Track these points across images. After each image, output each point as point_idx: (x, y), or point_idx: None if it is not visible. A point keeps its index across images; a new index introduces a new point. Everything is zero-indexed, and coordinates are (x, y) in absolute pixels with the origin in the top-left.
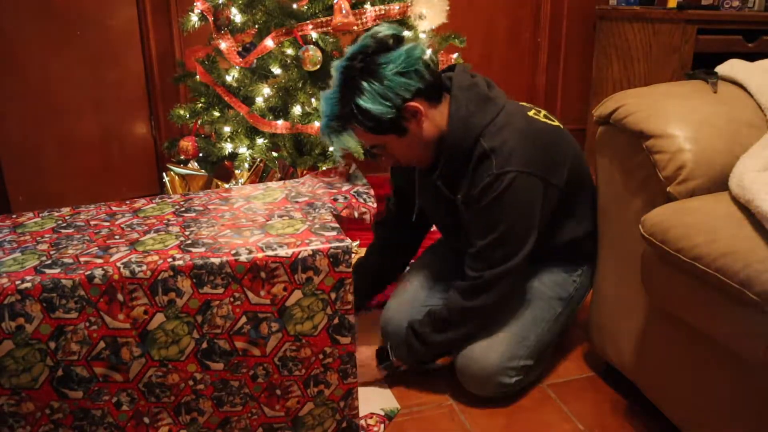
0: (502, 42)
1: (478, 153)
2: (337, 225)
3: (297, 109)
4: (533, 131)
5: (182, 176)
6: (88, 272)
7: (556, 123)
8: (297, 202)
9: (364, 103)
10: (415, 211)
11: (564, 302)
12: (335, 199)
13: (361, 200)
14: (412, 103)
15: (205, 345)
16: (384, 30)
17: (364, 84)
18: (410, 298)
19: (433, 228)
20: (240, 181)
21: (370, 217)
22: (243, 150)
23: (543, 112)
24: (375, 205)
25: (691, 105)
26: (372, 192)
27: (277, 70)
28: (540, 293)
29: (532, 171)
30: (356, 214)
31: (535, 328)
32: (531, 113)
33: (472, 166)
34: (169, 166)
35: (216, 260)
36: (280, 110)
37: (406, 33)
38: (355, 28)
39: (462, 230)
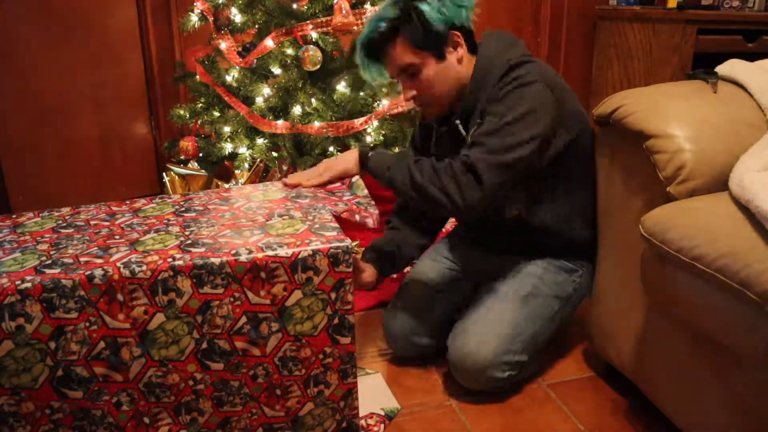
0: None
1: (502, 70)
2: (337, 225)
3: (297, 109)
4: (559, 80)
5: (182, 176)
6: (88, 272)
7: None
8: (297, 201)
9: (425, 8)
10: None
11: (562, 301)
12: (336, 205)
13: (362, 208)
14: (458, 32)
15: (205, 345)
16: None
17: None
18: (411, 308)
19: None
20: (240, 181)
21: (374, 222)
22: (243, 150)
23: None
24: (377, 211)
25: (691, 105)
26: (373, 202)
27: (277, 70)
28: (538, 290)
29: (551, 88)
30: (357, 218)
31: (530, 325)
32: None
33: (500, 75)
34: (169, 166)
35: (216, 260)
36: (280, 110)
37: None
38: (355, 28)
39: None
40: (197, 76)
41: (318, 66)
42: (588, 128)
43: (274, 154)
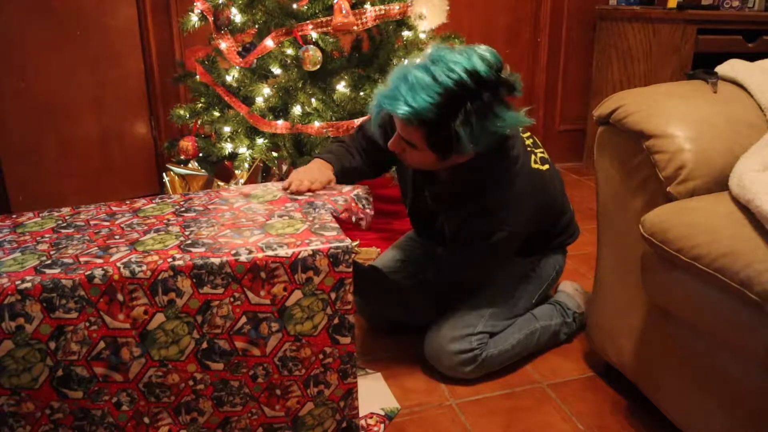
0: (501, 41)
1: (477, 184)
2: (337, 225)
3: (297, 109)
4: (534, 196)
5: (182, 176)
6: (88, 272)
7: (547, 166)
8: (297, 200)
9: (463, 135)
10: (408, 200)
11: (520, 281)
12: (335, 201)
13: (360, 205)
14: (473, 154)
15: (205, 345)
16: (490, 53)
17: (473, 119)
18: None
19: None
20: (240, 181)
21: (367, 224)
22: (243, 150)
23: (539, 150)
24: (372, 212)
25: (691, 105)
26: (371, 198)
27: (277, 70)
28: (497, 275)
29: (519, 231)
30: (354, 219)
31: (487, 300)
32: (529, 148)
33: (468, 185)
34: (169, 166)
35: (216, 260)
36: (280, 110)
37: (406, 33)
38: (355, 28)
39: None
40: (197, 76)
41: (318, 66)
42: (553, 200)
43: (274, 154)
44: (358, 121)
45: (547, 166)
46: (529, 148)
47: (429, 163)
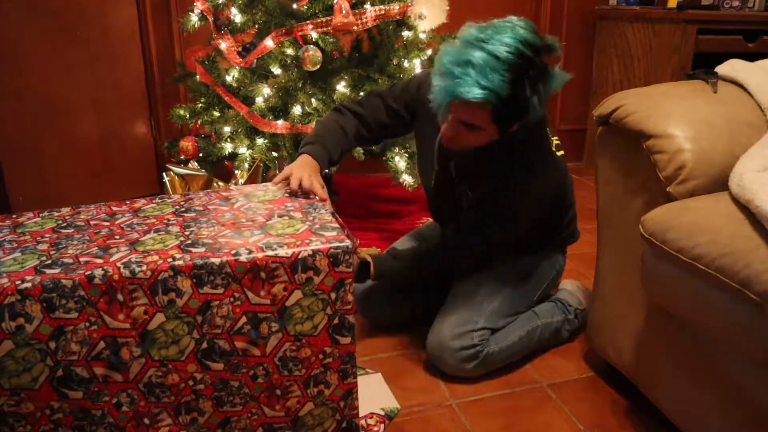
0: None
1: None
2: (337, 225)
3: (297, 109)
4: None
5: (182, 176)
6: (88, 272)
7: (562, 152)
8: (297, 200)
9: (534, 101)
10: (433, 176)
11: (521, 278)
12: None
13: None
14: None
15: (205, 345)
16: (526, 22)
17: (540, 86)
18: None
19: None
20: (240, 181)
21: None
22: (243, 150)
23: (554, 138)
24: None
25: (691, 105)
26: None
27: (277, 70)
28: (497, 272)
29: (543, 195)
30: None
31: (489, 297)
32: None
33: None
34: (168, 166)
35: (216, 260)
36: (280, 110)
37: (406, 33)
38: (355, 28)
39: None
40: (197, 76)
41: (318, 66)
42: (569, 188)
43: (274, 154)
44: None
45: (562, 152)
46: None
47: (482, 141)
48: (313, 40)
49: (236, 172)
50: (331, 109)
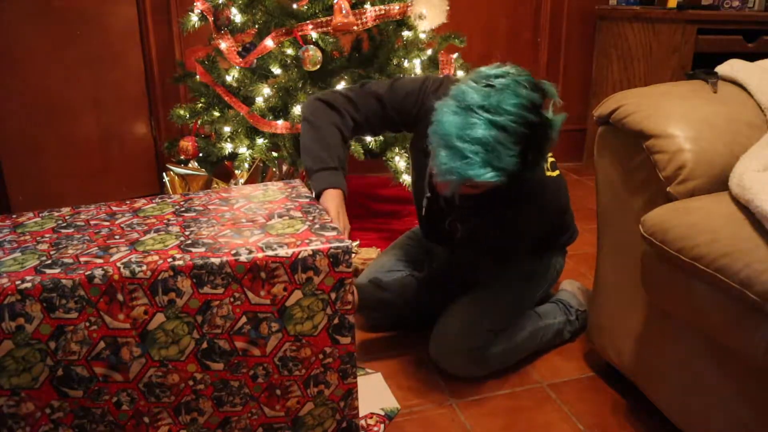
0: (502, 42)
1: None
2: (336, 225)
3: (297, 109)
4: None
5: (182, 176)
6: (88, 272)
7: (557, 172)
8: (297, 200)
9: (536, 159)
10: (424, 203)
11: (524, 279)
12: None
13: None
14: None
15: (205, 345)
16: (525, 75)
17: (543, 143)
18: (379, 264)
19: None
20: (240, 181)
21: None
22: (243, 150)
23: (549, 156)
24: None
25: (691, 105)
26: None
27: (277, 70)
28: (501, 275)
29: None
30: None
31: (495, 299)
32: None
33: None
34: (168, 166)
35: (216, 260)
36: (280, 110)
37: (406, 33)
38: (355, 28)
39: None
40: (197, 76)
41: (318, 66)
42: (567, 209)
43: (274, 154)
44: None
45: (557, 172)
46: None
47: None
48: (313, 40)
49: (236, 172)
50: (324, 101)
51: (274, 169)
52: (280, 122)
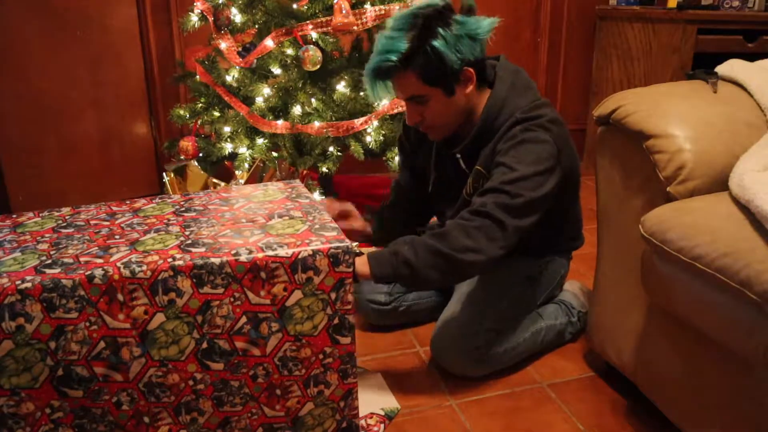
0: (501, 42)
1: (509, 122)
2: (336, 225)
3: (297, 109)
4: (563, 130)
5: (177, 173)
6: (88, 272)
7: None
8: (297, 201)
9: (440, 46)
10: (431, 181)
11: (527, 281)
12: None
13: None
14: (470, 69)
15: (205, 345)
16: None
17: (440, 30)
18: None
19: None
20: (240, 181)
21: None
22: (243, 150)
23: None
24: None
25: (691, 105)
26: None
27: (277, 70)
28: (502, 274)
29: (553, 142)
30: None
31: (493, 299)
32: None
33: (501, 133)
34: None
35: (216, 260)
36: (280, 110)
37: None
38: (355, 28)
39: (462, 206)
40: (197, 76)
41: (318, 66)
42: (575, 171)
43: (274, 154)
44: (358, 122)
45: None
46: None
47: (447, 110)
48: (313, 40)
49: (236, 172)
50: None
51: (276, 171)
52: (280, 122)
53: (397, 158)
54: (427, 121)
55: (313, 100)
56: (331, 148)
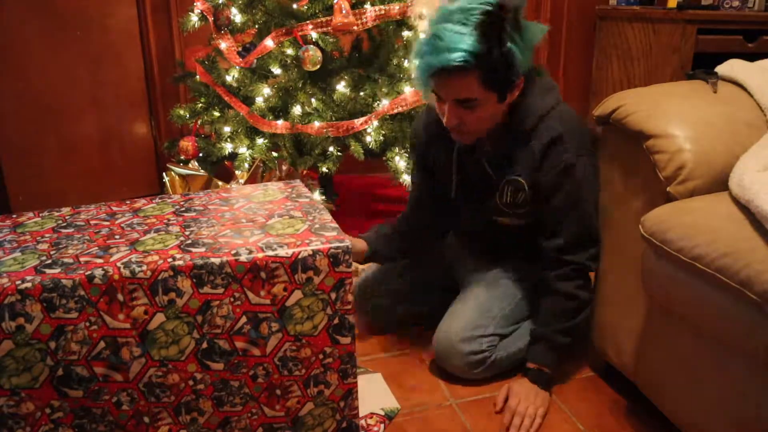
0: None
1: (550, 135)
2: (336, 225)
3: (297, 109)
4: (583, 124)
5: (182, 176)
6: (88, 272)
7: None
8: (297, 201)
9: (514, 48)
10: (453, 188)
11: (534, 289)
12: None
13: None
14: (523, 77)
15: (205, 345)
16: None
17: (514, 33)
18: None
19: None
20: (240, 181)
21: None
22: (243, 150)
23: None
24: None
25: (691, 105)
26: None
27: (277, 70)
28: (508, 275)
29: (595, 155)
30: None
31: (498, 303)
32: None
33: (542, 146)
34: (169, 166)
35: (216, 260)
36: (280, 110)
37: (406, 33)
38: (355, 28)
39: (484, 210)
40: (197, 76)
41: (318, 66)
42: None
43: (274, 154)
44: (358, 122)
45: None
46: None
47: (489, 116)
48: (313, 40)
49: (236, 172)
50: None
51: (276, 171)
52: (280, 122)
53: (397, 158)
54: (468, 125)
55: (313, 100)
56: (331, 148)
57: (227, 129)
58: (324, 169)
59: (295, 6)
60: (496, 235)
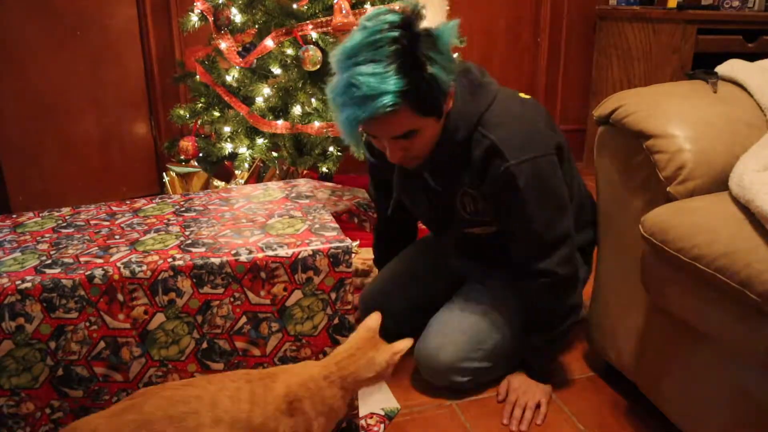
0: (501, 42)
1: (484, 146)
2: (336, 225)
3: (297, 109)
4: (530, 109)
5: (182, 176)
6: (88, 272)
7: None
8: (297, 201)
9: (435, 69)
10: (391, 206)
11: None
12: (336, 204)
13: (362, 209)
14: (453, 84)
15: (205, 345)
16: (410, 1)
17: (430, 53)
18: (378, 288)
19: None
20: (240, 181)
21: (370, 226)
22: (243, 150)
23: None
24: (375, 215)
25: (690, 105)
26: (372, 204)
27: (277, 70)
28: (505, 299)
29: (544, 152)
30: (356, 220)
31: (493, 334)
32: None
33: (479, 158)
34: (169, 166)
35: (216, 260)
36: (280, 110)
37: None
38: (355, 28)
39: (449, 222)
40: (197, 76)
41: (318, 66)
42: (563, 147)
43: (274, 154)
44: None
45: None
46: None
47: (433, 136)
48: (313, 40)
49: (236, 172)
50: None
51: (276, 171)
52: (280, 122)
53: None
54: (413, 152)
55: (313, 100)
56: (331, 148)
57: (227, 129)
58: (324, 169)
59: (295, 6)
60: (475, 244)
